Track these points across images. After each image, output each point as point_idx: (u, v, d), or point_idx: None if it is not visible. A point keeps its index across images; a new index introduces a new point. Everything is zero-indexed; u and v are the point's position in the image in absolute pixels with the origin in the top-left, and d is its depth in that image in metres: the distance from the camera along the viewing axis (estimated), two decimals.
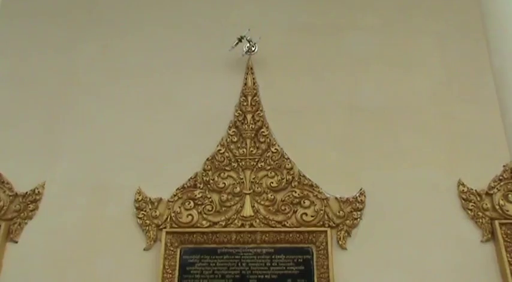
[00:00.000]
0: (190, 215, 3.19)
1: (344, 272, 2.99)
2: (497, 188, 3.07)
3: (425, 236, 3.04)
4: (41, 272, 3.07)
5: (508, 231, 2.93)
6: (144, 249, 3.11)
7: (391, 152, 3.29)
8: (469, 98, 3.40)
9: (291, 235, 3.12)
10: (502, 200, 3.03)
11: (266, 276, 3.05)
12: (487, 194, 3.07)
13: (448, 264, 2.96)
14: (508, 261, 2.86)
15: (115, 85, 3.62)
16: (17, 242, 3.14)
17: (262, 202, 3.20)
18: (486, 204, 3.04)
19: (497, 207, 3.02)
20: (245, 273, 3.07)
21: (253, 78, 3.56)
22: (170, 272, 3.04)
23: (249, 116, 3.43)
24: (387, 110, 3.41)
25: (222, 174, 3.28)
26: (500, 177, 3.10)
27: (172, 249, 3.10)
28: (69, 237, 3.15)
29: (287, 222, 3.14)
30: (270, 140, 3.36)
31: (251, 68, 3.58)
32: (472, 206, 3.06)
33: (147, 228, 3.15)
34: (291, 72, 3.58)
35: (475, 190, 3.10)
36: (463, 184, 3.12)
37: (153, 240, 3.12)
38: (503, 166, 3.14)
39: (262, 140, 3.36)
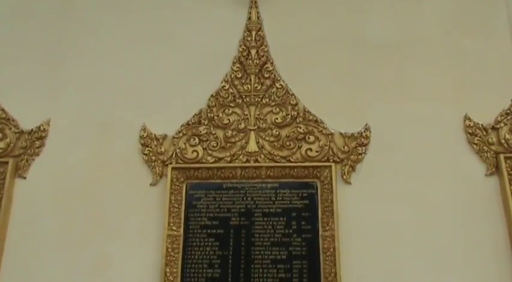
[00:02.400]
0: (195, 151, 3.20)
1: (348, 205, 3.03)
2: (503, 122, 3.04)
3: (429, 171, 3.05)
4: (50, 206, 3.14)
5: None
6: (151, 185, 3.15)
7: (398, 86, 3.24)
8: (479, 31, 3.30)
9: (295, 170, 3.14)
10: (508, 134, 3.01)
11: (271, 210, 3.10)
12: (493, 128, 3.05)
13: (451, 197, 2.99)
14: (511, 194, 2.88)
15: (117, 21, 3.54)
16: (25, 178, 3.19)
17: (267, 138, 3.20)
18: (492, 139, 3.03)
19: (502, 141, 3.01)
20: (250, 207, 3.12)
21: (258, 13, 3.47)
22: (177, 206, 3.10)
23: (253, 52, 3.37)
24: (394, 44, 3.33)
25: (226, 111, 3.27)
26: (508, 111, 3.07)
27: (178, 184, 3.14)
28: (76, 173, 3.19)
29: (292, 158, 3.16)
30: (274, 75, 3.31)
31: (255, 2, 3.48)
32: (477, 140, 3.04)
33: (153, 164, 3.18)
34: (296, 6, 3.48)
35: (481, 125, 3.08)
36: (469, 119, 3.09)
37: (159, 175, 3.16)
38: (511, 100, 3.09)
39: (266, 75, 3.32)
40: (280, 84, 3.29)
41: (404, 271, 2.89)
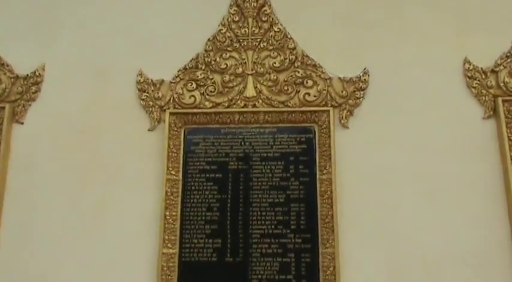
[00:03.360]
0: (192, 96, 3.19)
1: (345, 149, 3.05)
2: (503, 65, 3.03)
3: (427, 114, 3.06)
4: (48, 151, 3.14)
5: (510, 108, 2.94)
6: (149, 130, 3.15)
7: (397, 30, 3.20)
8: None
9: (293, 115, 3.14)
10: (507, 77, 3.01)
11: (269, 154, 3.12)
12: (492, 71, 3.04)
13: (448, 140, 3.01)
14: (508, 137, 2.90)
15: None
16: (22, 123, 3.18)
17: (264, 82, 3.18)
18: (490, 82, 3.02)
19: (501, 84, 3.00)
20: (248, 152, 3.14)
21: None
22: (175, 151, 3.11)
23: None
24: None
25: (223, 55, 3.23)
26: (508, 54, 3.05)
27: (176, 129, 3.14)
28: (73, 118, 3.18)
29: (290, 102, 3.15)
30: (272, 19, 3.26)
31: None
32: (476, 84, 3.04)
33: (151, 109, 3.17)
34: None
35: (481, 68, 3.06)
36: (468, 62, 3.07)
37: (156, 121, 3.15)
38: None
39: (264, 19, 3.26)
40: (278, 28, 3.24)
41: (400, 212, 2.94)
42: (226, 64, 3.21)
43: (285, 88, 3.16)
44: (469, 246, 2.86)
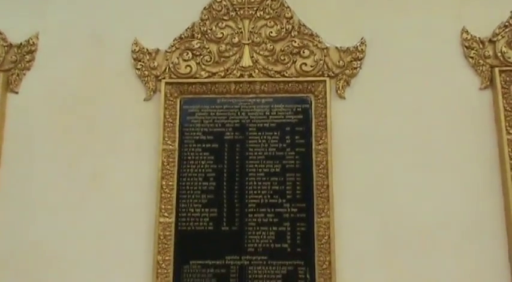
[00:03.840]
0: (188, 65, 3.16)
1: (341, 120, 3.05)
2: (501, 35, 3.00)
3: (424, 84, 3.05)
4: (44, 121, 3.13)
5: (507, 78, 2.93)
6: (144, 100, 3.14)
7: None
8: None
9: (290, 85, 3.12)
10: (504, 47, 2.99)
11: (265, 125, 3.12)
12: (490, 41, 3.02)
13: (444, 111, 3.01)
14: (504, 107, 2.90)
15: None
16: (17, 93, 3.16)
17: (261, 52, 3.16)
18: (488, 52, 3.00)
19: (499, 54, 2.99)
20: (244, 122, 3.13)
21: None
22: (171, 121, 3.10)
23: None
24: None
25: (220, 24, 3.20)
26: (506, 24, 3.02)
27: (172, 99, 3.12)
28: (68, 87, 3.16)
29: (286, 72, 3.13)
30: None
31: None
32: (473, 54, 3.02)
33: (146, 79, 3.15)
34: None
35: (478, 38, 3.04)
36: (466, 32, 3.05)
37: (152, 90, 3.14)
38: (511, 12, 3.03)
39: None
40: None
41: (395, 182, 2.96)
42: (223, 33, 3.18)
43: (282, 58, 3.14)
44: (463, 215, 2.89)
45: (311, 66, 3.12)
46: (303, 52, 3.13)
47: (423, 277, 2.83)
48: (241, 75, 3.14)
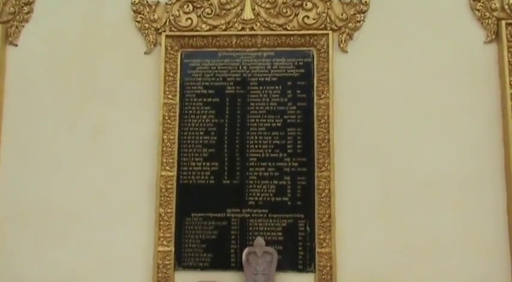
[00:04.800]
0: (189, 18, 3.11)
1: (343, 74, 3.02)
2: None
3: (428, 38, 3.00)
4: (44, 74, 3.12)
5: None
6: (145, 53, 3.11)
7: None
8: None
9: (291, 38, 3.08)
10: None
11: (266, 79, 3.10)
12: None
13: (449, 65, 2.98)
14: (509, 61, 2.86)
15: None
16: (16, 45, 3.13)
17: (263, 5, 3.10)
18: (495, 4, 2.94)
19: (506, 7, 2.93)
20: (246, 76, 3.11)
21: None
22: (172, 75, 3.08)
23: None
24: None
25: None
26: None
27: (172, 52, 3.09)
28: (68, 40, 3.13)
29: (288, 26, 3.08)
30: None
31: None
32: (480, 6, 2.96)
33: (146, 31, 3.11)
34: None
35: None
36: None
37: (152, 44, 3.10)
38: None
39: None
40: None
41: (396, 137, 2.96)
42: None
43: (284, 11, 3.08)
44: (463, 169, 2.90)
45: (313, 19, 3.06)
46: (306, 4, 3.07)
47: (422, 230, 2.86)
48: (243, 29, 3.10)
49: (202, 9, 3.11)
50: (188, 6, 3.11)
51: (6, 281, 2.92)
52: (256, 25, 3.09)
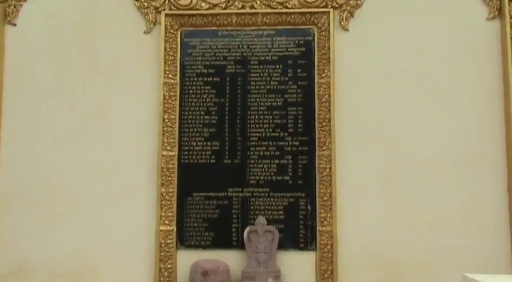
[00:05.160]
0: None
1: (344, 52, 3.01)
2: None
3: (430, 16, 2.98)
4: (43, 54, 3.10)
5: None
6: (144, 32, 3.09)
7: None
8: None
9: (292, 17, 3.05)
10: None
11: (267, 57, 3.08)
12: None
13: (451, 43, 2.96)
14: (511, 37, 2.83)
15: None
16: (15, 25, 3.12)
17: None
18: None
19: None
20: (246, 55, 3.09)
21: None
22: (172, 54, 3.06)
23: None
24: None
25: None
26: None
27: (172, 32, 3.07)
28: (67, 19, 3.11)
29: (289, 4, 3.05)
30: None
31: None
32: None
33: (146, 11, 3.09)
34: None
35: None
36: None
37: (152, 23, 3.08)
38: None
39: None
40: None
41: (397, 116, 2.96)
42: None
43: None
44: (464, 148, 2.90)
45: None
46: None
47: (423, 208, 2.87)
48: (243, 7, 3.07)
49: None
50: None
51: (11, 261, 2.95)
52: (256, 3, 3.06)
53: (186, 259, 2.89)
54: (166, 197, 2.97)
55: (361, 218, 2.89)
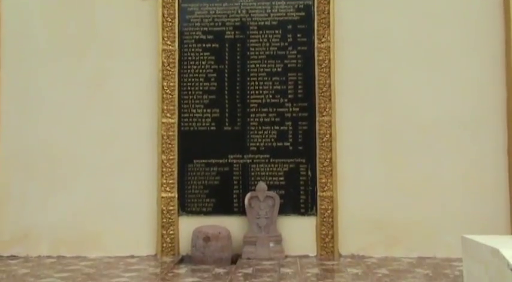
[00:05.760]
0: None
1: (344, 17, 2.97)
2: None
3: None
4: (40, 22, 3.08)
5: None
6: None
7: None
8: None
9: None
10: None
11: (266, 23, 3.05)
12: None
13: (452, 3, 2.94)
14: None
15: None
16: None
17: None
18: None
19: None
20: (245, 20, 3.05)
21: None
22: (170, 20, 3.03)
23: None
24: None
25: None
26: None
27: None
28: None
29: None
30: None
31: None
32: None
33: None
34: None
35: None
36: None
37: None
38: None
39: None
40: None
41: (397, 79, 2.94)
42: None
43: None
44: (464, 111, 2.89)
45: None
46: None
47: (423, 171, 2.88)
48: None
49: None
50: None
51: (16, 229, 2.98)
52: None
53: (188, 225, 2.92)
54: (167, 164, 2.97)
55: (361, 183, 2.91)
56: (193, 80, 3.05)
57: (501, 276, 1.64)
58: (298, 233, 2.92)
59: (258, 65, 3.04)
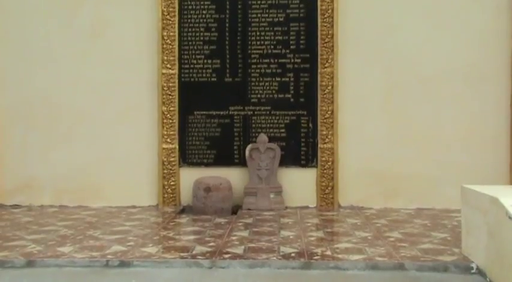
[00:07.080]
0: None
1: None
2: None
3: None
4: None
5: None
6: None
7: None
8: None
9: None
10: None
11: None
12: None
13: None
14: None
15: None
16: None
17: None
18: None
19: None
20: None
21: None
22: None
23: None
24: None
25: None
26: None
27: None
28: None
29: None
30: None
31: None
32: None
33: None
34: None
35: None
36: None
37: None
38: None
39: None
40: None
41: (401, 32, 2.89)
42: None
43: None
44: (467, 63, 2.85)
45: None
46: None
47: (424, 123, 2.87)
48: None
49: None
50: None
51: (18, 179, 3.00)
52: None
53: (189, 176, 2.93)
54: (168, 115, 2.96)
55: (362, 135, 2.90)
56: (193, 30, 2.99)
57: (499, 224, 1.66)
58: (299, 184, 2.95)
59: (259, 15, 2.98)
